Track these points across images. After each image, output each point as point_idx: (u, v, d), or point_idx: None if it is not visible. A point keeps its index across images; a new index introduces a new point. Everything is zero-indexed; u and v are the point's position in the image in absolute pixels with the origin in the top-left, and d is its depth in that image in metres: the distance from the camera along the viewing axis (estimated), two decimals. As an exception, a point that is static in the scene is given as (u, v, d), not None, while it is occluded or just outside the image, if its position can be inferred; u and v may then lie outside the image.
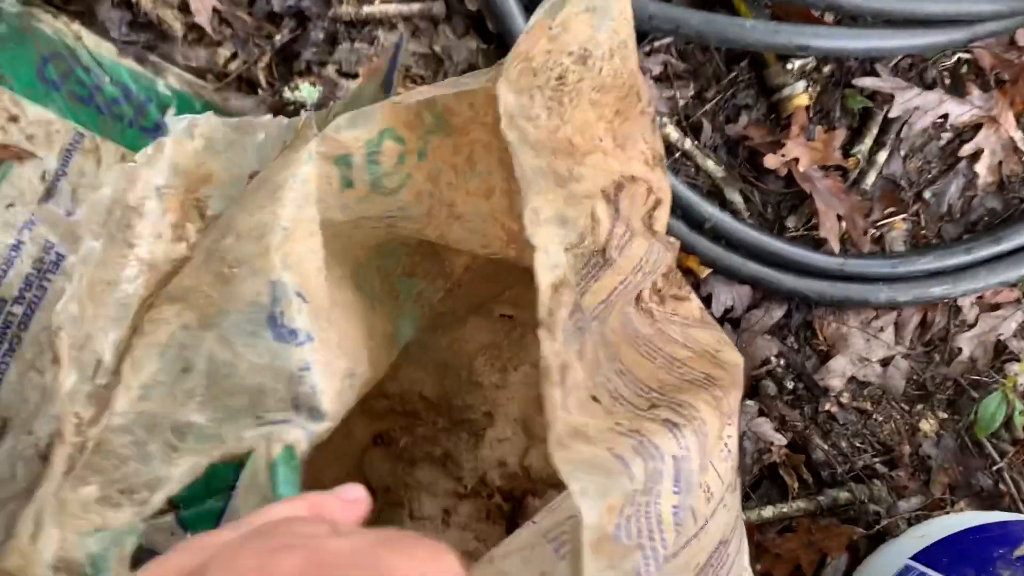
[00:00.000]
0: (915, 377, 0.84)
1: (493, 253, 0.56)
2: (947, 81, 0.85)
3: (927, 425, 0.83)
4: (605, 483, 0.36)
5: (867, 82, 0.83)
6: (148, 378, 0.45)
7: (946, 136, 0.85)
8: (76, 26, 0.73)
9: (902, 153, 0.85)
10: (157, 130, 0.72)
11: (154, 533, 0.73)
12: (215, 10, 0.75)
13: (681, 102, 0.84)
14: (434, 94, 0.46)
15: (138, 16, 0.74)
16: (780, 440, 0.81)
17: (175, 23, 0.75)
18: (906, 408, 0.84)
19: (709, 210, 0.81)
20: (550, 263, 0.40)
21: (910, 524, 0.81)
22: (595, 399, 0.44)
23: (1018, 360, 0.85)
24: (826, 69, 0.84)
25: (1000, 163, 0.84)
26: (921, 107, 0.83)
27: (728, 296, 0.82)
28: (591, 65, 0.47)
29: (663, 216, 0.56)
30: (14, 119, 0.71)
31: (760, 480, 0.82)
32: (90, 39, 0.72)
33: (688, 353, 0.54)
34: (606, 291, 0.49)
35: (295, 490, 0.41)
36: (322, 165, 0.44)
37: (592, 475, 0.36)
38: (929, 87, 0.84)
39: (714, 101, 0.84)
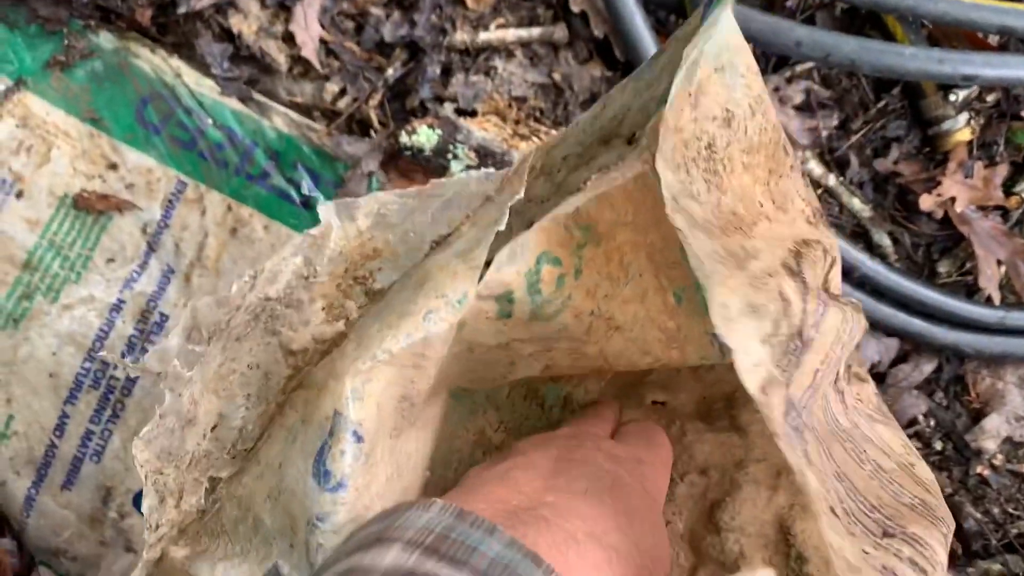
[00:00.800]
0: (1078, 439, 0.77)
1: (655, 361, 0.50)
2: (1125, 109, 0.76)
3: (1089, 490, 0.76)
4: None
5: (1037, 113, 0.74)
6: (269, 459, 0.41)
7: (1122, 171, 0.76)
8: (175, 61, 0.67)
9: (1071, 191, 0.76)
10: (264, 178, 0.66)
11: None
12: (322, 41, 0.69)
13: (824, 133, 0.76)
14: (577, 204, 0.40)
15: (240, 49, 0.68)
16: (927, 507, 0.75)
17: (279, 56, 0.69)
18: (1066, 472, 0.77)
19: (855, 255, 0.73)
20: (751, 362, 0.35)
21: (1069, 600, 0.74)
22: (834, 512, 0.38)
23: None
24: (990, 98, 0.75)
25: None
26: (1096, 140, 0.74)
27: (874, 350, 0.75)
28: (736, 127, 0.41)
29: (837, 277, 0.49)
30: (113, 167, 0.66)
31: (903, 549, 0.75)
32: (190, 75, 0.67)
33: (891, 464, 0.48)
34: (810, 375, 0.43)
35: None
36: (478, 302, 0.38)
37: None
38: (1105, 117, 0.75)
39: (861, 133, 0.76)
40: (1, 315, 0.65)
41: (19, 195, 0.65)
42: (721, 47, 0.38)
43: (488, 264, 0.38)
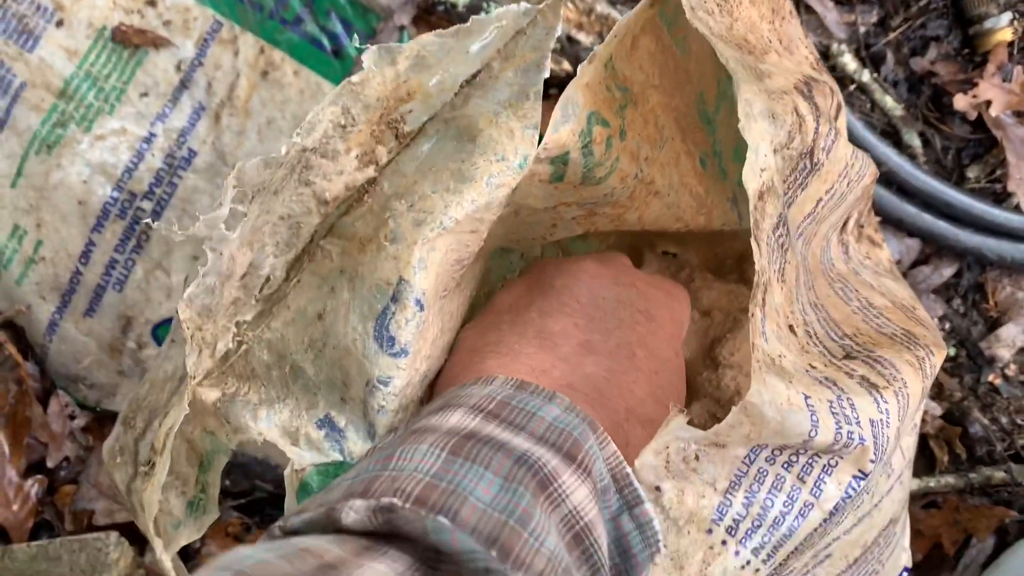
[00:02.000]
0: (1095, 354, 0.76)
1: (685, 226, 0.50)
2: None
3: (1102, 408, 0.75)
4: (789, 418, 0.32)
5: (1083, 18, 0.73)
6: (300, 306, 0.41)
7: None
8: (218, -95, 0.67)
9: (1111, 102, 0.75)
10: (298, 23, 0.67)
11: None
12: None
13: (862, 29, 0.75)
14: (609, 51, 0.40)
15: (283, -103, 0.68)
16: (935, 409, 0.75)
17: (321, -93, 0.69)
18: (1080, 387, 0.76)
19: (883, 151, 0.73)
20: (759, 166, 0.35)
21: (1070, 513, 0.74)
22: (792, 330, 0.38)
23: None
24: (1035, 0, 0.74)
25: None
26: None
27: (896, 248, 0.74)
28: None
29: (844, 122, 0.49)
30: (151, 3, 0.67)
31: (907, 450, 0.75)
32: None
33: (885, 302, 0.48)
34: (812, 201, 0.43)
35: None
36: (534, 165, 0.38)
37: (772, 409, 0.32)
38: None
39: (900, 30, 0.75)
40: (35, 141, 0.67)
41: (59, 24, 0.66)
42: None
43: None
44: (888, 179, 0.74)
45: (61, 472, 0.70)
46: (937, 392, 0.75)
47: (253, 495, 0.71)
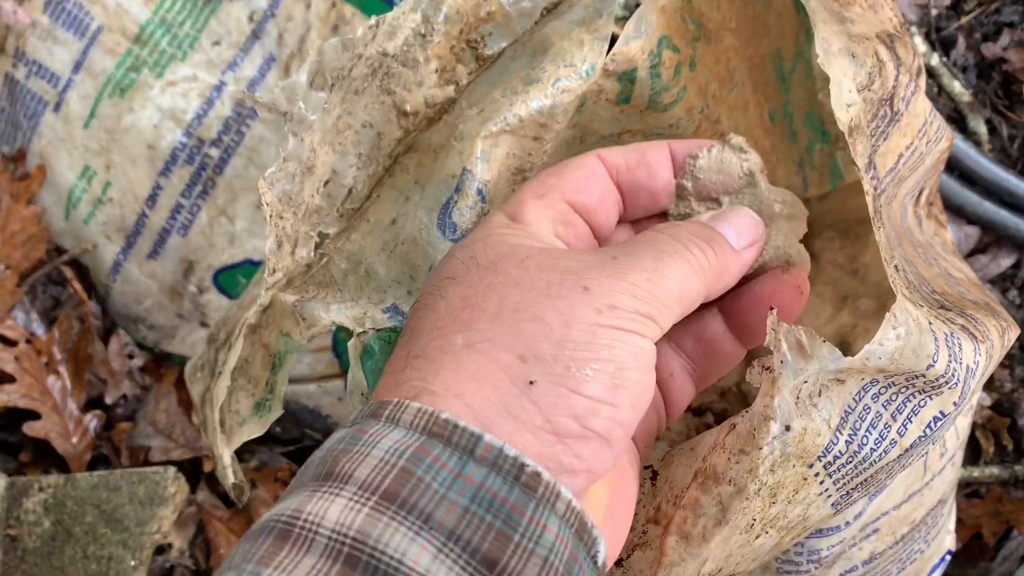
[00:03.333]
0: None
1: None
2: None
3: None
4: (918, 340, 0.32)
5: None
6: (378, 217, 0.42)
7: None
8: None
9: None
10: (372, -22, 0.68)
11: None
12: None
13: (934, 12, 0.74)
14: None
15: None
16: (984, 400, 0.74)
17: None
18: None
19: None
20: (844, 100, 0.36)
21: (1115, 511, 0.73)
22: (896, 269, 0.38)
23: None
24: (1115, -11, 0.73)
25: None
26: None
27: (955, 235, 0.74)
28: None
29: (923, 84, 0.49)
30: (228, -48, 0.68)
31: (953, 438, 0.75)
32: None
33: (961, 276, 0.48)
34: (894, 156, 0.43)
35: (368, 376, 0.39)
36: (601, 80, 0.39)
37: (909, 333, 0.32)
38: None
39: (973, 15, 0.74)
40: (109, 84, 0.68)
41: (137, -31, 0.68)
42: None
43: (613, 40, 0.39)
44: (951, 165, 0.73)
45: (119, 409, 0.72)
46: (987, 382, 0.75)
47: (303, 443, 0.73)
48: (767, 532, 0.35)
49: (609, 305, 0.28)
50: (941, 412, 0.35)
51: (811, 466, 0.34)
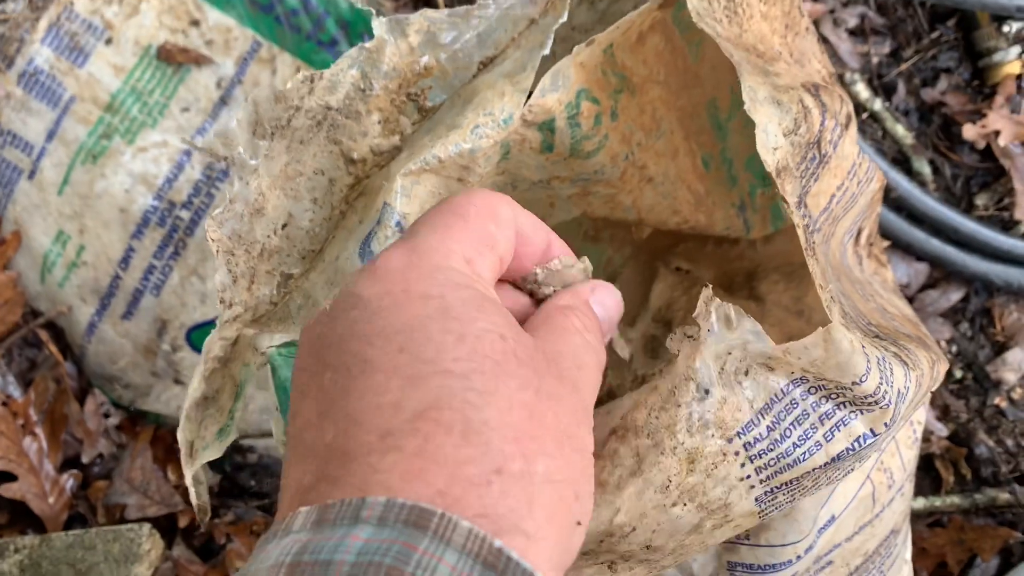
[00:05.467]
0: (1100, 380, 0.78)
1: (683, 222, 0.53)
2: None
3: (1106, 433, 0.77)
4: (849, 356, 0.35)
5: (1090, 53, 0.75)
6: (331, 255, 0.45)
7: None
8: (261, -68, 0.71)
9: (1118, 135, 0.77)
10: (333, 45, 0.70)
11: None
12: (399, -75, 0.73)
13: (875, 60, 0.78)
14: (610, 39, 0.43)
15: (322, -74, 0.72)
16: (941, 430, 0.76)
17: (358, -64, 0.73)
18: (1085, 412, 0.78)
19: (894, 178, 0.75)
20: (770, 144, 0.38)
21: (1074, 536, 0.75)
22: (832, 299, 0.41)
23: None
24: (1044, 35, 0.76)
25: None
26: None
27: (904, 272, 0.77)
28: None
29: (853, 131, 0.52)
30: (195, 23, 0.71)
31: (914, 471, 0.77)
32: None
33: (896, 312, 0.50)
34: (826, 196, 0.46)
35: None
36: (518, 131, 0.42)
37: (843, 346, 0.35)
38: None
39: (911, 61, 0.78)
40: (82, 151, 0.71)
41: (108, 41, 0.70)
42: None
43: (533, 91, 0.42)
44: (898, 205, 0.76)
45: (95, 468, 0.73)
46: (943, 413, 0.77)
47: (275, 497, 0.74)
48: (685, 504, 0.37)
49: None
50: (871, 431, 0.37)
51: (731, 441, 0.36)
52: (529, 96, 0.41)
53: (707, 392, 0.36)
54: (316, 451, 0.26)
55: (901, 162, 0.78)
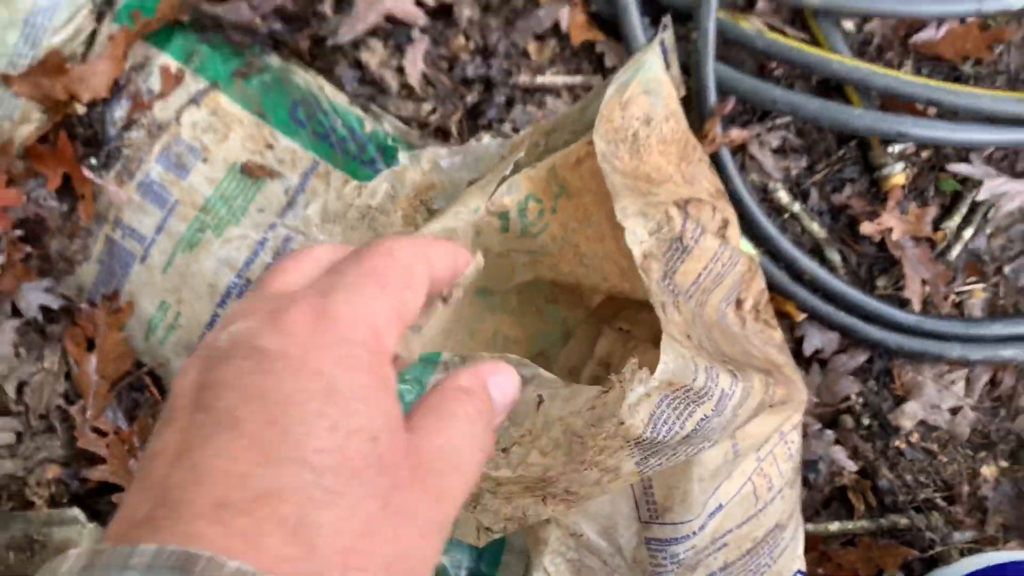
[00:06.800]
0: (980, 428, 0.96)
1: (612, 287, 0.74)
2: (1036, 172, 0.97)
3: (988, 471, 0.95)
4: (683, 366, 0.53)
5: (960, 168, 0.96)
6: None
7: (1030, 220, 0.97)
8: (320, 79, 0.96)
9: (988, 232, 0.97)
10: (373, 164, 0.94)
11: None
12: (423, 74, 0.97)
13: (794, 172, 0.99)
14: (554, 161, 0.65)
15: (366, 75, 0.97)
16: (851, 467, 0.95)
17: (392, 82, 0.97)
18: (970, 453, 0.96)
19: (809, 265, 0.96)
20: (638, 239, 0.59)
21: (963, 555, 0.92)
22: (688, 336, 0.60)
23: (1082, 424, 0.95)
24: (925, 154, 0.98)
25: (1078, 248, 0.95)
26: (1008, 193, 0.95)
27: (820, 339, 0.96)
28: (653, 126, 0.65)
29: (734, 234, 0.72)
30: (270, 147, 0.94)
31: (831, 499, 0.95)
32: (329, 90, 0.95)
33: (759, 355, 0.70)
34: (693, 274, 0.66)
35: None
36: (485, 218, 0.64)
37: (676, 360, 0.54)
38: (1019, 176, 0.96)
39: (822, 173, 0.99)
40: (182, 242, 0.94)
41: (204, 160, 0.94)
42: (650, 79, 0.64)
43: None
44: (814, 286, 0.97)
45: (181, 485, 0.94)
46: (854, 453, 0.96)
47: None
48: (591, 469, 0.56)
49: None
50: (705, 415, 0.57)
51: (629, 441, 0.56)
52: (492, 196, 0.64)
53: (623, 423, 0.56)
54: (156, 489, 0.26)
55: (816, 252, 0.99)
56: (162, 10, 0.94)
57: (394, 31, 0.97)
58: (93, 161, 0.95)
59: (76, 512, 0.88)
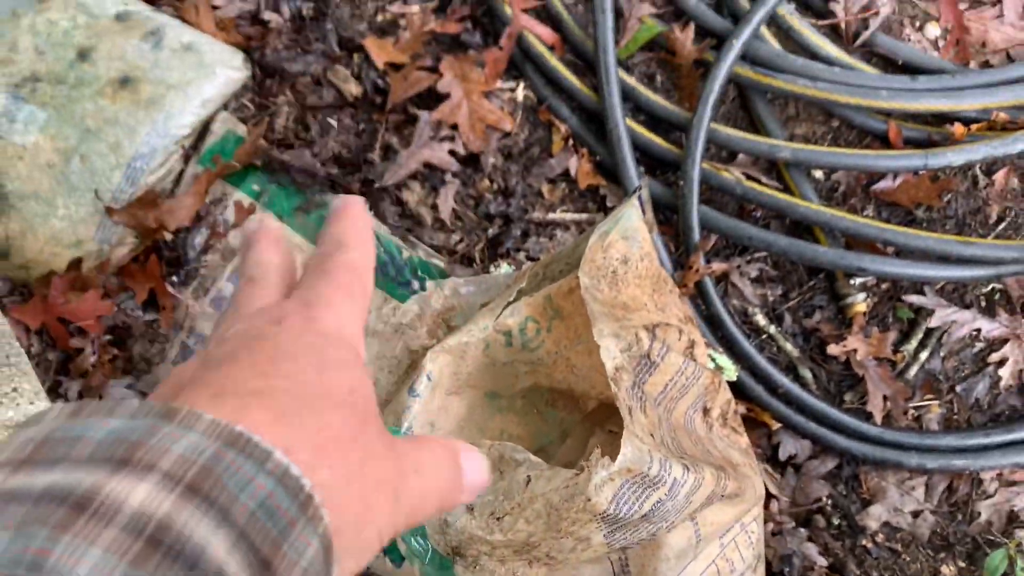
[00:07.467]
0: (939, 530, 1.07)
1: (600, 394, 0.89)
2: (983, 303, 1.11)
3: (947, 570, 1.05)
4: (639, 456, 0.67)
5: (914, 299, 1.10)
6: (394, 405, 0.81)
7: (979, 345, 1.10)
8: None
9: (941, 354, 1.11)
10: (408, 284, 1.11)
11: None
12: (453, 210, 1.15)
13: (771, 298, 1.14)
14: (549, 291, 0.81)
15: (405, 210, 1.15)
16: (822, 562, 1.06)
17: (427, 216, 1.15)
18: (931, 554, 1.07)
19: (784, 380, 1.10)
20: (611, 356, 0.74)
21: (925, 646, 1.02)
22: (652, 435, 0.74)
23: (1034, 530, 1.06)
24: (884, 286, 1.13)
25: (1021, 371, 1.08)
26: (958, 321, 1.09)
27: (793, 446, 1.09)
28: (631, 264, 0.81)
29: (701, 352, 0.87)
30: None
31: (804, 591, 1.06)
32: (374, 222, 1.14)
33: (719, 455, 0.84)
34: (660, 384, 0.80)
35: None
36: (493, 334, 0.80)
37: (634, 452, 0.68)
38: (967, 307, 1.11)
39: (795, 300, 1.14)
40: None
41: (268, 280, 1.12)
42: (628, 228, 0.81)
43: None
44: (788, 400, 1.10)
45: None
46: (824, 549, 1.07)
47: None
48: (566, 538, 0.70)
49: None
50: (660, 499, 0.70)
51: (596, 515, 0.69)
52: (498, 318, 0.80)
53: (589, 499, 0.70)
54: (160, 398, 0.29)
55: (791, 369, 1.13)
56: (239, 155, 1.14)
57: (430, 175, 1.16)
58: (175, 279, 1.14)
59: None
